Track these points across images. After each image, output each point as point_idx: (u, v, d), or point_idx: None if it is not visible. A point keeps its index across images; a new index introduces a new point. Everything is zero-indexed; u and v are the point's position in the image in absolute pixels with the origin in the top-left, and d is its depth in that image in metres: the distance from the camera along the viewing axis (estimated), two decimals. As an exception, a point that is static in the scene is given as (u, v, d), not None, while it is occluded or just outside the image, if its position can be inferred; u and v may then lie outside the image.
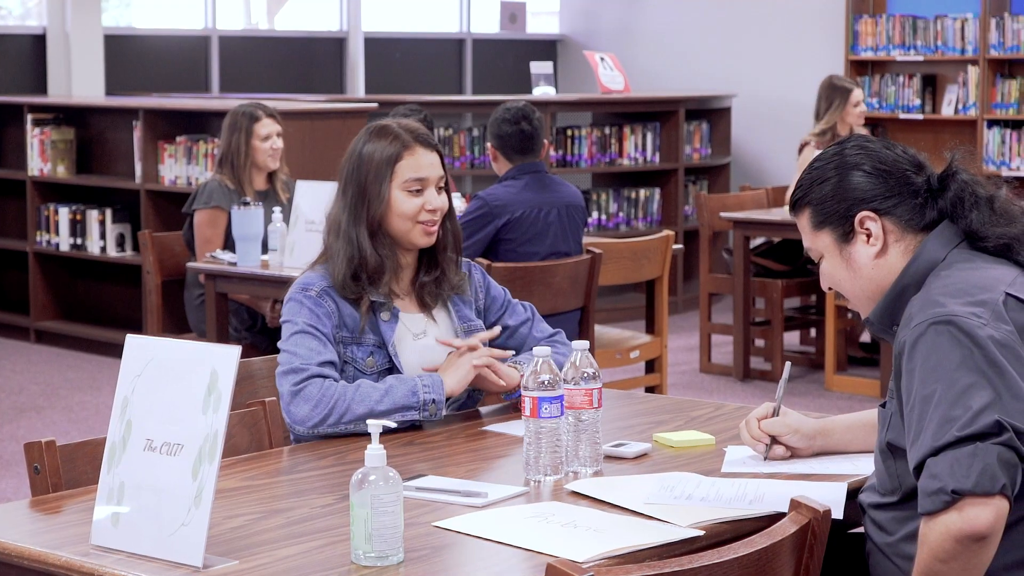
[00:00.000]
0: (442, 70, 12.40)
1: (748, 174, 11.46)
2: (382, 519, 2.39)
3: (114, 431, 2.55)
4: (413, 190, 3.43)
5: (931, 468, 2.45)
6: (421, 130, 3.48)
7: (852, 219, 2.74)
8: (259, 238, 6.11)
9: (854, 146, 2.78)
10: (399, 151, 3.43)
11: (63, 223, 9.14)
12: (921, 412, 2.50)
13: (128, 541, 2.47)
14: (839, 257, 2.77)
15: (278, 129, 6.68)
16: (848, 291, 2.80)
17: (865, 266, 2.75)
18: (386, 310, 3.42)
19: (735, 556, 2.25)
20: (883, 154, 2.76)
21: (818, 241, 2.79)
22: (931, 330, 2.53)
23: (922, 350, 2.53)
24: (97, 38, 10.18)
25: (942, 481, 2.42)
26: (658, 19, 12.13)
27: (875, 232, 2.73)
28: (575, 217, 6.01)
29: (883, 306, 2.74)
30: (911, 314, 2.60)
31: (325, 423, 3.22)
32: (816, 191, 2.77)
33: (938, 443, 2.45)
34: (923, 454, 2.47)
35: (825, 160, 2.79)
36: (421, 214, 3.43)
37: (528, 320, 3.65)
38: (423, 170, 3.44)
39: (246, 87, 11.12)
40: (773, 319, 8.10)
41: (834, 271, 2.79)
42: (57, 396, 7.81)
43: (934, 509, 2.43)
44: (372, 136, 3.47)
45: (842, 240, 2.76)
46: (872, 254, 2.74)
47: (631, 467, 3.00)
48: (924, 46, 10.60)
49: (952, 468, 2.42)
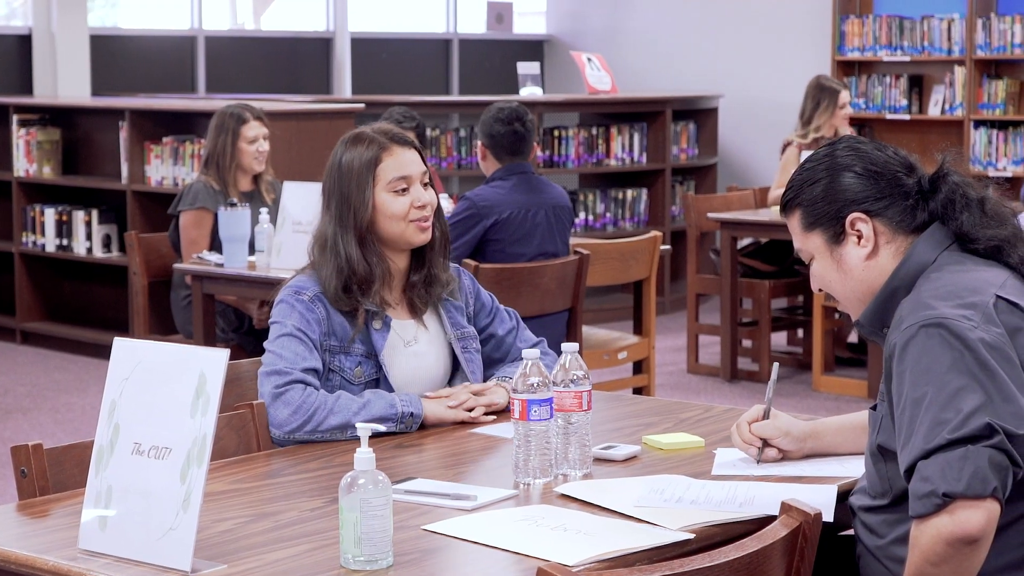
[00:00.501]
0: (429, 70, 12.39)
1: (735, 175, 11.46)
2: (372, 523, 2.38)
3: (102, 434, 2.54)
4: (399, 189, 3.42)
5: (922, 471, 2.44)
6: (395, 130, 3.48)
7: (843, 220, 2.73)
8: (246, 239, 6.10)
9: (845, 147, 2.77)
10: (377, 154, 3.43)
11: (49, 224, 9.11)
12: (912, 415, 2.49)
13: (116, 545, 2.46)
14: (830, 258, 2.76)
15: (265, 132, 6.66)
16: (839, 292, 2.79)
17: (856, 267, 2.74)
18: (378, 319, 3.41)
19: (726, 560, 2.24)
20: (874, 155, 2.75)
21: (809, 242, 2.78)
22: (921, 332, 2.52)
23: (912, 353, 2.52)
24: (83, 38, 10.15)
25: (933, 484, 2.42)
26: (645, 19, 12.13)
27: (866, 233, 2.72)
28: (562, 218, 6.01)
29: (873, 308, 2.73)
30: (901, 316, 2.60)
31: (302, 430, 3.22)
32: (807, 192, 2.77)
33: (929, 446, 2.44)
34: (914, 457, 2.46)
35: (816, 161, 2.79)
36: (411, 212, 3.42)
37: (513, 329, 3.65)
38: (405, 168, 3.44)
39: (232, 87, 11.10)
40: (760, 320, 8.10)
41: (825, 272, 2.79)
42: (43, 397, 7.79)
43: (925, 512, 2.43)
44: (348, 145, 3.47)
45: (833, 241, 2.75)
46: (863, 255, 2.73)
47: (620, 470, 2.99)
48: (911, 46, 10.60)
49: (943, 471, 2.41)
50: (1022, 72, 10.41)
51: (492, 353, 3.61)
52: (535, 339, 3.66)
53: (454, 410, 3.36)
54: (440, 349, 3.52)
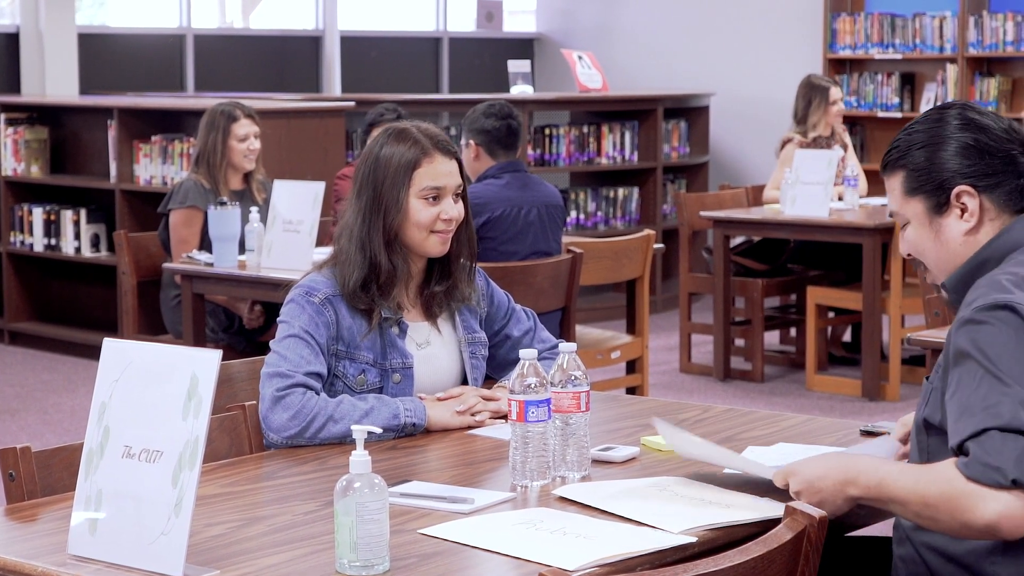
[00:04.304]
0: (419, 69, 12.35)
1: (726, 173, 11.43)
2: (368, 527, 2.33)
3: (91, 437, 2.49)
4: (430, 198, 3.34)
5: (998, 442, 2.35)
6: (441, 136, 3.39)
7: (949, 192, 2.62)
8: (236, 238, 6.05)
9: (957, 115, 2.65)
10: (418, 157, 3.34)
11: (37, 223, 9.06)
12: (980, 389, 2.39)
13: (106, 550, 2.41)
14: (928, 228, 2.66)
15: (256, 130, 6.62)
16: (931, 261, 2.69)
17: (954, 240, 2.64)
18: (394, 324, 3.36)
19: (730, 564, 2.20)
20: (990, 128, 2.63)
21: (908, 207, 2.67)
22: (990, 313, 2.44)
23: (980, 330, 2.44)
24: (71, 37, 10.10)
25: (1006, 464, 2.33)
26: (636, 18, 12.09)
27: (971, 208, 2.62)
28: (555, 216, 5.97)
29: (960, 275, 2.63)
30: (975, 295, 2.52)
31: (302, 436, 3.16)
32: (913, 156, 2.65)
33: (1016, 425, 2.34)
34: (992, 424, 2.36)
35: (927, 124, 2.66)
36: (436, 224, 3.35)
37: (530, 331, 3.59)
38: (441, 179, 3.35)
39: (221, 86, 11.06)
40: (753, 318, 8.06)
41: (919, 240, 2.68)
42: (32, 398, 7.74)
43: (978, 478, 2.34)
44: (391, 139, 3.37)
45: (934, 211, 2.64)
46: (964, 230, 2.63)
47: (619, 471, 2.94)
48: (902, 44, 10.59)
49: (1021, 456, 2.33)
50: (1014, 70, 10.39)
51: (508, 355, 3.54)
52: (553, 340, 3.59)
53: (461, 416, 3.30)
54: (452, 352, 3.46)
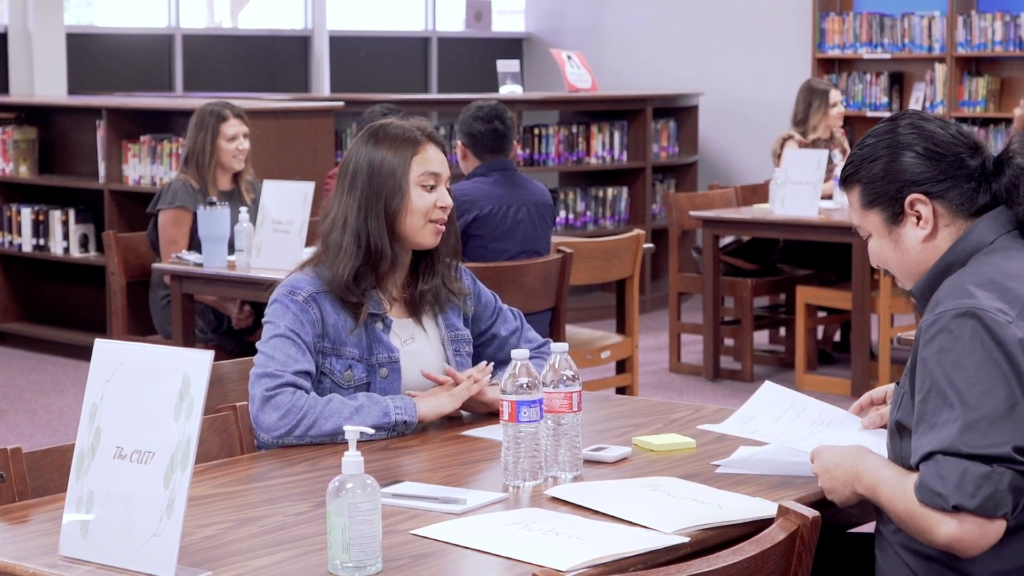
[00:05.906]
0: (408, 69, 12.34)
1: (715, 173, 11.43)
2: (360, 528, 2.33)
3: (83, 438, 2.48)
4: (427, 186, 3.36)
5: (941, 467, 2.40)
6: (430, 127, 3.42)
7: (902, 201, 2.66)
8: (226, 239, 6.04)
9: (908, 124, 2.69)
10: (415, 146, 3.36)
11: (25, 223, 9.04)
12: (936, 406, 2.44)
13: (98, 552, 2.40)
14: (888, 238, 2.70)
15: (245, 130, 6.61)
16: (896, 269, 2.73)
17: (913, 248, 2.68)
18: (379, 320, 3.35)
19: (724, 564, 2.20)
20: (937, 134, 2.67)
21: (867, 220, 2.72)
22: (954, 321, 2.47)
23: (942, 340, 2.47)
24: (59, 36, 10.08)
25: (946, 489, 2.38)
26: (625, 17, 12.09)
27: (925, 215, 2.65)
28: (544, 215, 5.96)
29: (927, 281, 2.67)
30: (939, 298, 2.54)
31: (291, 434, 3.15)
32: (867, 169, 2.70)
33: (957, 448, 2.39)
34: (937, 447, 2.41)
35: (877, 137, 2.71)
36: (433, 212, 3.35)
37: (517, 330, 3.59)
38: (437, 165, 3.38)
39: (210, 86, 11.04)
40: (743, 318, 8.06)
41: (882, 251, 2.73)
42: (20, 399, 7.72)
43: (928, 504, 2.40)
44: (381, 133, 3.38)
45: (891, 221, 2.69)
46: (921, 237, 2.67)
47: (611, 471, 2.94)
48: (891, 44, 10.60)
49: (961, 481, 2.37)
50: (1003, 69, 10.40)
51: (495, 355, 3.53)
52: (540, 340, 3.60)
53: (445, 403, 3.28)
54: (436, 349, 3.46)
